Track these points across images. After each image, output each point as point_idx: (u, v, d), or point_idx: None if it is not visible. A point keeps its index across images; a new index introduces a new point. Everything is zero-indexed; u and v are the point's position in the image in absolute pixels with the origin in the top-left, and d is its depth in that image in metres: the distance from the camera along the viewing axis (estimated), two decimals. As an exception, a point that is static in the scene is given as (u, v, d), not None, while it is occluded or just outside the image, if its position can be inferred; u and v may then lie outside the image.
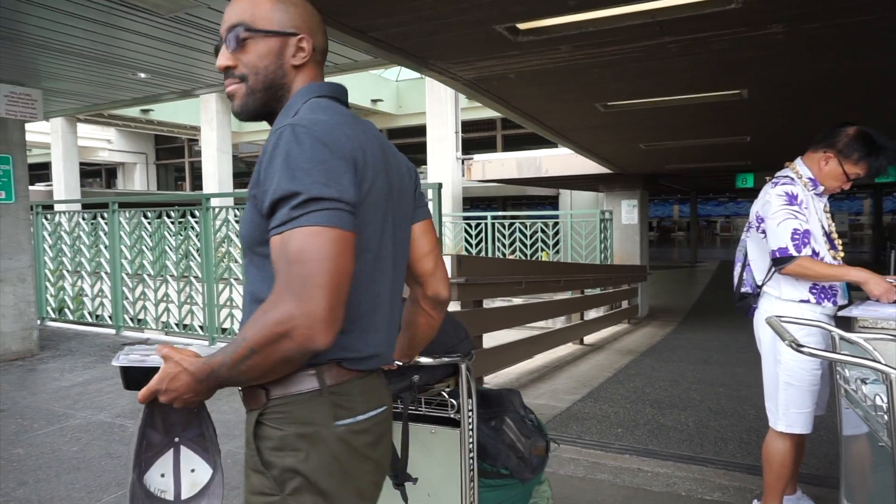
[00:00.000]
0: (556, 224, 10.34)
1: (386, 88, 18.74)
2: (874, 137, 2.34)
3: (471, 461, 1.86)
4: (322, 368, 1.08)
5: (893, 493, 1.48)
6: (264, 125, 1.21)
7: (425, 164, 14.49)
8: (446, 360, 1.78)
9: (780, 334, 1.73)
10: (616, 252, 10.83)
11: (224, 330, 5.99)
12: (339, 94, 1.18)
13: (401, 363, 1.50)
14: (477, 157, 12.52)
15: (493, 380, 5.22)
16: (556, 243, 10.41)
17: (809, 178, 2.44)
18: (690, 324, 9.79)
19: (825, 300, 2.36)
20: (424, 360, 1.73)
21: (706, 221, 38.49)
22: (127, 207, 6.83)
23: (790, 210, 2.32)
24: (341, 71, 5.41)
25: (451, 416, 1.85)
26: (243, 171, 21.67)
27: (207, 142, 14.99)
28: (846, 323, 2.21)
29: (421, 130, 15.02)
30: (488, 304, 5.38)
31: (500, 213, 10.92)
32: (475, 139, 17.81)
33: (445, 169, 13.66)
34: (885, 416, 1.53)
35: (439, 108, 13.92)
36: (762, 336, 2.51)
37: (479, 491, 1.95)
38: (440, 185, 4.86)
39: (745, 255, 2.59)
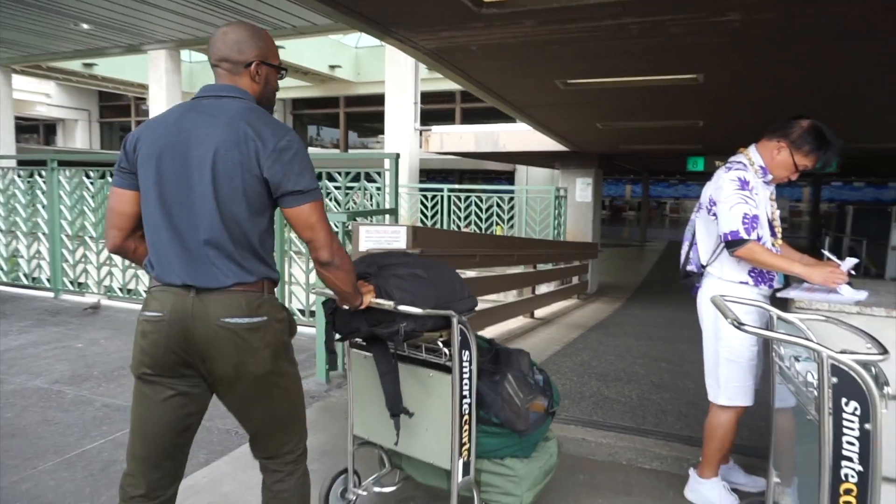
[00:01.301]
0: (511, 199, 10.40)
1: (345, 55, 18.26)
2: (825, 132, 2.43)
3: (466, 406, 2.02)
4: (153, 275, 1.68)
5: (818, 463, 1.58)
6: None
7: (382, 133, 14.26)
8: (432, 312, 1.91)
9: (724, 312, 1.80)
10: (569, 229, 11.00)
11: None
12: (199, 93, 1.70)
13: (377, 306, 1.89)
14: (435, 128, 12.43)
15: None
16: (511, 218, 10.49)
17: (761, 166, 2.52)
18: (637, 301, 10.09)
19: (762, 283, 2.50)
20: (412, 310, 1.86)
21: (657, 202, 39.45)
22: (67, 166, 6.49)
23: (742, 195, 2.40)
24: (300, 34, 5.26)
25: (445, 363, 2.02)
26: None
27: (156, 101, 14.27)
28: (783, 303, 2.32)
29: (379, 99, 14.75)
30: (442, 276, 5.39)
31: (457, 186, 10.88)
32: (434, 111, 17.65)
33: (403, 139, 13.50)
34: (815, 392, 1.63)
35: (399, 77, 13.68)
36: (704, 314, 2.61)
37: (480, 436, 2.13)
38: (398, 156, 4.81)
39: (693, 235, 2.68)
